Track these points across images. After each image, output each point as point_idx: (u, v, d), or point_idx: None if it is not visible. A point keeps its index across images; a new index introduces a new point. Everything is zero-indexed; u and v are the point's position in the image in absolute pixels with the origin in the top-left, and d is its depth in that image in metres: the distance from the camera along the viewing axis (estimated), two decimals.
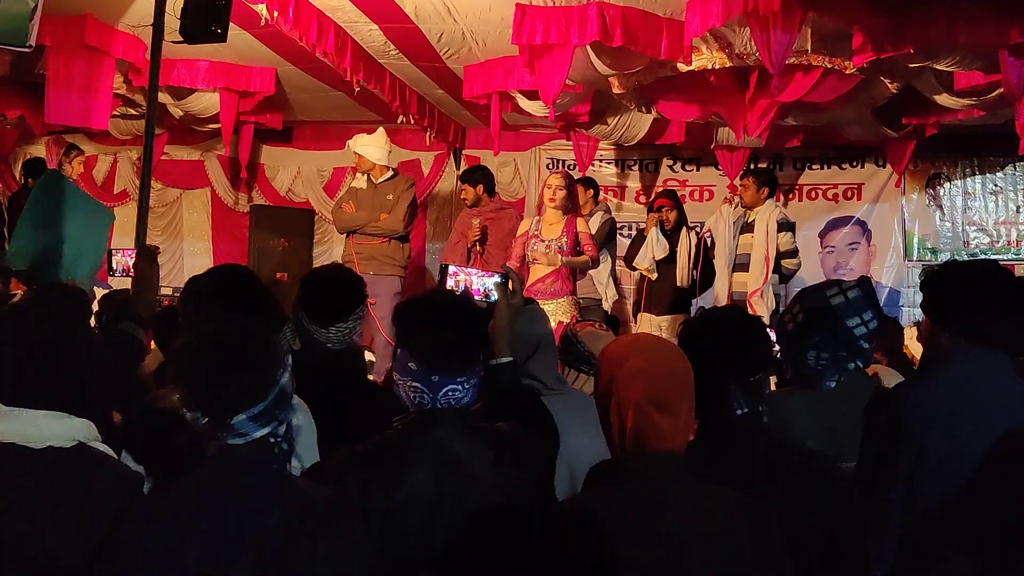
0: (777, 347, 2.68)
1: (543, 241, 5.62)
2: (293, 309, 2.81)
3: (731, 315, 2.15)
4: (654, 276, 6.61)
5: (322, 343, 2.80)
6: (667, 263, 6.60)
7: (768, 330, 2.13)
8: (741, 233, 6.66)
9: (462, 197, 7.25)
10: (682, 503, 1.66)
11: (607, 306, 6.92)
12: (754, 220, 6.57)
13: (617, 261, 7.33)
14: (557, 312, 5.41)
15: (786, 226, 6.55)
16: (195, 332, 1.77)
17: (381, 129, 6.76)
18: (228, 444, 1.67)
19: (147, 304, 3.11)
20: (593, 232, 6.76)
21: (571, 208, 5.75)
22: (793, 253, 6.58)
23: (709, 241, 6.83)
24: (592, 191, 7.24)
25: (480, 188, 7.02)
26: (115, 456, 1.98)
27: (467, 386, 2.00)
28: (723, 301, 6.42)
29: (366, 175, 6.67)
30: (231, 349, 1.71)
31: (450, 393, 1.98)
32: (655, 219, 6.67)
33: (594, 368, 1.82)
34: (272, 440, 1.71)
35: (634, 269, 6.87)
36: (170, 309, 2.78)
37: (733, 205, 6.79)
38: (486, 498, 1.93)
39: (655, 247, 6.59)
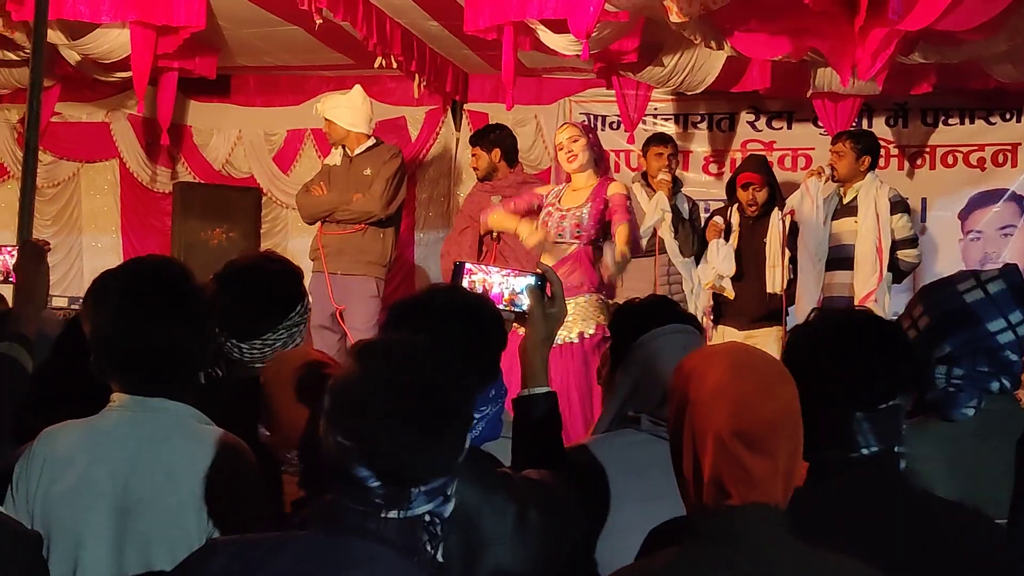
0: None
1: (559, 211, 5.42)
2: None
3: (857, 319, 2.17)
4: (731, 295, 6.66)
5: (246, 364, 2.81)
6: (749, 265, 6.68)
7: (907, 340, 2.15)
8: (835, 217, 6.75)
9: (472, 167, 7.25)
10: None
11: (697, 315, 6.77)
12: (854, 199, 6.69)
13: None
14: (577, 316, 5.18)
15: (901, 205, 6.68)
16: (385, 363, 1.73)
17: (358, 87, 6.76)
18: (382, 518, 1.67)
19: (32, 318, 3.12)
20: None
21: (601, 167, 5.62)
22: (912, 241, 6.70)
23: (788, 225, 6.81)
24: (671, 150, 7.09)
25: (496, 154, 7.00)
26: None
27: (477, 416, 2.00)
28: (811, 307, 6.42)
29: (341, 148, 6.69)
30: (440, 396, 1.70)
31: None
32: (718, 228, 6.73)
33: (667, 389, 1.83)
34: (427, 520, 1.72)
35: None
36: (75, 321, 2.79)
37: (823, 179, 6.87)
38: (505, 572, 1.93)
39: (718, 262, 6.63)
